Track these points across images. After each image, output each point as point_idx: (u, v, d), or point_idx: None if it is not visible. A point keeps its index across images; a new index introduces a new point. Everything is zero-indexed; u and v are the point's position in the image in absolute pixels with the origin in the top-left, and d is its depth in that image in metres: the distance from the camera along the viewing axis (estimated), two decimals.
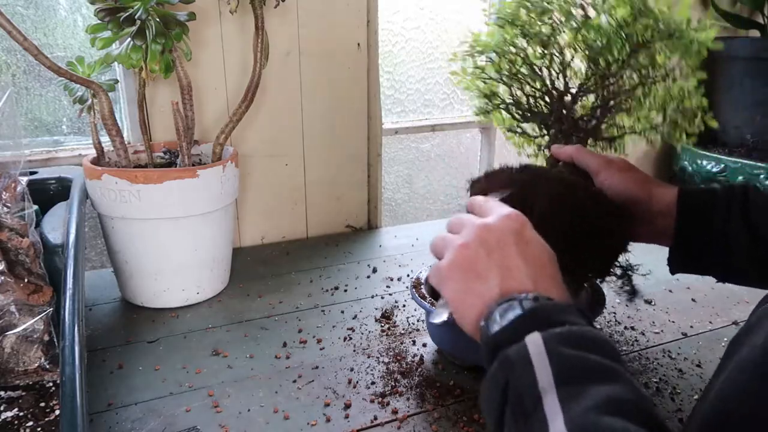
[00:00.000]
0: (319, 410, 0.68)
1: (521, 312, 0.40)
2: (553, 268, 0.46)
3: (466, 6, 1.38)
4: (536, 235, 0.47)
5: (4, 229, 0.69)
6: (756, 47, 1.41)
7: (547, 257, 0.46)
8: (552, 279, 0.45)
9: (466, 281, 0.45)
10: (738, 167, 1.32)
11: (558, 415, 0.34)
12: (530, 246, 0.46)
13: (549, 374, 0.36)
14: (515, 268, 0.44)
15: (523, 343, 0.38)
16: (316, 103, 1.16)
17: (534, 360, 0.37)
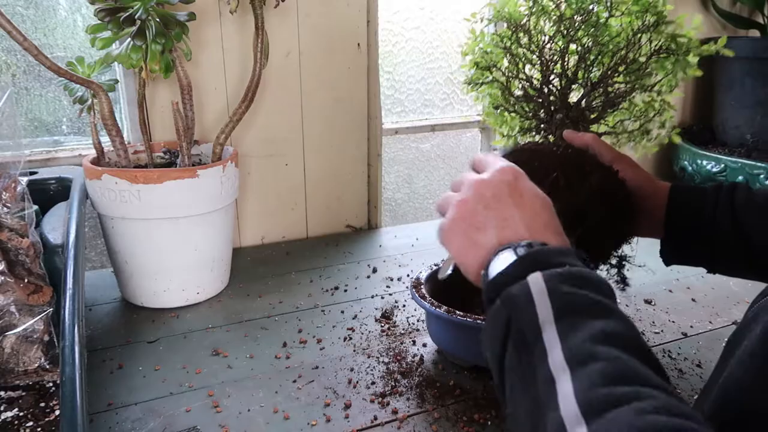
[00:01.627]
0: (319, 410, 0.68)
1: (515, 257, 0.43)
2: (547, 215, 0.47)
3: (466, 6, 1.38)
4: (530, 186, 0.49)
5: (4, 229, 0.69)
6: (756, 47, 1.41)
7: (539, 205, 0.48)
8: (546, 225, 0.47)
9: (467, 234, 0.48)
10: (738, 167, 1.32)
11: (557, 345, 0.36)
12: (524, 196, 0.48)
13: (549, 309, 0.38)
14: (510, 218, 0.46)
15: (525, 282, 0.40)
16: (316, 103, 1.16)
17: (535, 297, 0.39)
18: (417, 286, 0.78)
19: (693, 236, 0.66)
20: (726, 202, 0.64)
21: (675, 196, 0.67)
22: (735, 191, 0.65)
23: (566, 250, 0.44)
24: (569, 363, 0.35)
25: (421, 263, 1.09)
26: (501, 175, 0.49)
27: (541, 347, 0.37)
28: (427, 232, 1.26)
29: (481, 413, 0.67)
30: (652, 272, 1.06)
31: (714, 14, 1.52)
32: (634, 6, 0.76)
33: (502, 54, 0.79)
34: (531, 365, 0.37)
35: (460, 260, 0.49)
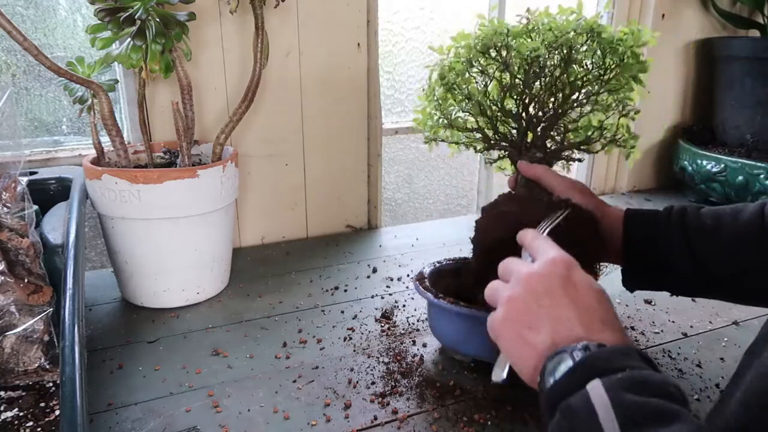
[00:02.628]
0: (319, 410, 0.68)
1: (572, 364, 0.40)
2: (603, 310, 0.45)
3: (466, 6, 1.38)
4: (584, 277, 0.47)
5: (4, 229, 0.69)
6: (756, 47, 1.41)
7: (595, 299, 0.46)
8: (602, 322, 0.44)
9: (520, 334, 0.46)
10: (738, 167, 1.32)
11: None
12: (578, 290, 0.46)
13: (614, 422, 0.36)
14: (564, 317, 0.45)
15: (585, 391, 0.38)
16: (316, 103, 1.16)
17: (597, 409, 0.37)
18: (421, 279, 0.78)
19: (651, 265, 0.67)
20: (678, 230, 0.65)
21: (629, 225, 0.68)
22: (685, 216, 0.66)
23: (625, 350, 0.41)
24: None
25: (421, 263, 1.08)
26: (553, 267, 0.47)
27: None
28: (427, 232, 1.26)
29: (481, 413, 0.67)
30: None
31: (714, 14, 1.52)
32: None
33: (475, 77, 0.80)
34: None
35: (513, 360, 0.47)
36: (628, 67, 0.75)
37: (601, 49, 0.75)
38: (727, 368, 0.77)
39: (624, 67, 0.75)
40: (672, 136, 1.59)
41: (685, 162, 1.46)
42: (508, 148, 0.79)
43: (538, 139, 0.76)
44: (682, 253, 0.64)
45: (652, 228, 0.67)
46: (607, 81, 0.75)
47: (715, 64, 1.51)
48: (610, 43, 0.74)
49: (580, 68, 0.76)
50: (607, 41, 0.74)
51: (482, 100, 0.77)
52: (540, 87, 0.75)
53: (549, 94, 0.75)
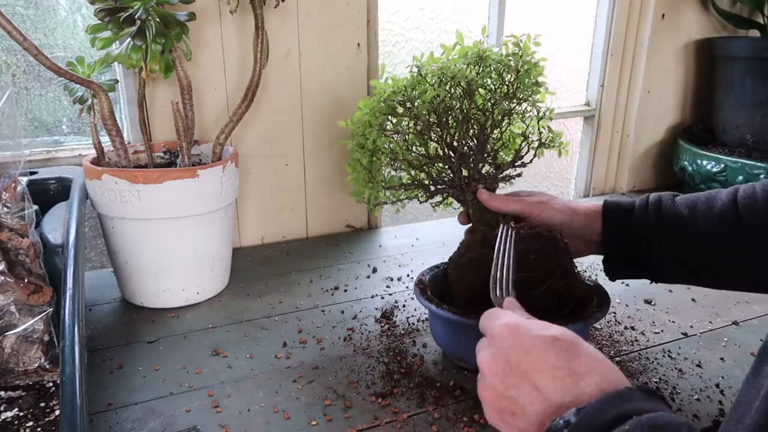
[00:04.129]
0: (319, 410, 0.68)
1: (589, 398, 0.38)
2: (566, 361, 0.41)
3: (466, 6, 1.38)
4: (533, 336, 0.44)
5: (4, 229, 0.69)
6: (756, 47, 1.41)
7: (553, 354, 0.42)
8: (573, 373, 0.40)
9: (504, 420, 0.43)
10: (738, 167, 1.32)
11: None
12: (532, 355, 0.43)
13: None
14: (532, 392, 0.41)
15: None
16: (316, 103, 1.16)
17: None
18: (422, 287, 0.77)
19: (630, 255, 0.70)
20: (654, 220, 0.67)
21: (608, 217, 0.71)
22: (661, 206, 0.68)
23: (615, 394, 0.38)
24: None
25: (421, 263, 1.09)
26: (500, 344, 0.44)
27: None
28: (427, 232, 1.26)
29: (481, 414, 0.67)
30: None
31: (714, 14, 1.52)
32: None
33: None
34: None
35: (504, 424, 0.44)
36: (525, 75, 0.80)
37: (495, 70, 0.79)
38: (727, 368, 0.77)
39: (521, 76, 0.80)
40: (672, 136, 1.59)
41: (685, 162, 1.46)
42: (448, 189, 0.81)
43: (474, 171, 0.79)
44: (659, 243, 0.67)
45: (629, 218, 0.69)
46: (514, 94, 0.80)
47: (715, 64, 1.51)
48: (500, 62, 0.79)
49: (486, 92, 0.80)
50: (497, 61, 0.79)
51: (406, 155, 0.81)
52: (454, 123, 0.78)
53: (465, 126, 0.78)
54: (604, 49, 1.48)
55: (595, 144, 1.56)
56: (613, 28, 1.46)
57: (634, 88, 1.52)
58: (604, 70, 1.50)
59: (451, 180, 0.80)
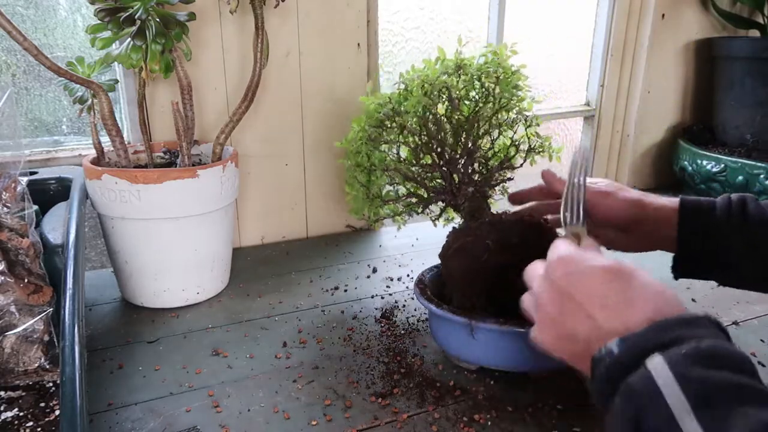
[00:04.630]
0: (319, 410, 0.68)
1: (623, 340, 0.38)
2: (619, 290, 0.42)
3: (466, 6, 1.38)
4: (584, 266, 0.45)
5: (4, 229, 0.69)
6: (756, 47, 1.41)
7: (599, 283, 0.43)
8: (625, 303, 0.41)
9: (562, 346, 0.45)
10: (738, 167, 1.32)
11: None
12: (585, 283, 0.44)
13: (683, 400, 0.32)
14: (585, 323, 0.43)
15: (646, 370, 0.35)
16: (316, 103, 1.16)
17: (662, 388, 0.33)
18: (422, 287, 0.77)
19: (704, 254, 0.66)
20: (737, 221, 0.64)
21: (685, 214, 0.67)
22: (745, 207, 0.64)
23: (663, 323, 0.37)
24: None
25: (421, 263, 1.09)
26: (554, 274, 0.46)
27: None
28: (427, 232, 1.26)
29: (481, 414, 0.67)
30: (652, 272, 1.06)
31: (714, 14, 1.52)
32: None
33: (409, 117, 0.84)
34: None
35: (564, 357, 0.46)
36: (505, 81, 0.82)
37: (477, 78, 0.81)
38: None
39: (502, 83, 0.81)
40: (672, 136, 1.59)
41: (685, 162, 1.46)
42: (441, 197, 0.82)
43: (464, 176, 0.80)
44: (739, 244, 0.63)
45: (710, 217, 0.65)
46: (498, 101, 0.81)
47: (715, 64, 1.51)
48: (479, 70, 0.81)
49: (470, 102, 0.82)
50: (476, 68, 0.81)
51: (400, 167, 0.82)
52: (435, 128, 0.80)
53: (451, 132, 0.80)
54: (604, 49, 1.48)
55: (595, 144, 1.56)
56: (613, 28, 1.46)
57: (634, 88, 1.52)
58: (604, 70, 1.50)
59: (443, 187, 0.81)
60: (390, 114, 0.82)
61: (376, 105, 0.85)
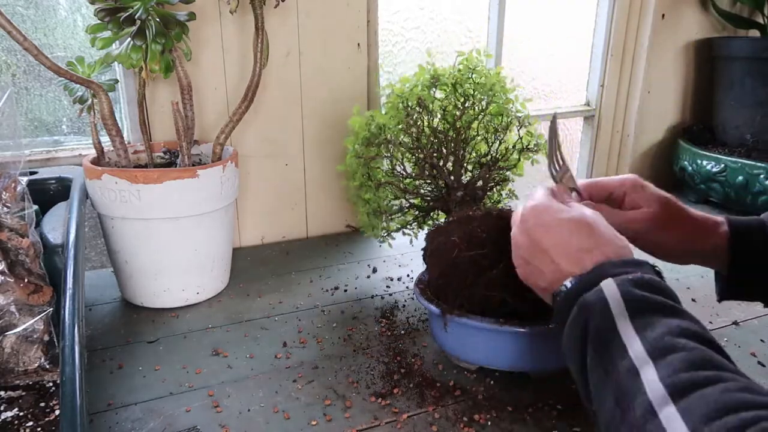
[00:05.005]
0: (319, 410, 0.68)
1: (585, 271, 0.47)
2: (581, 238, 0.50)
3: (466, 6, 1.38)
4: (551, 217, 0.52)
5: (4, 229, 0.69)
6: (756, 47, 1.41)
7: (567, 232, 0.51)
8: (585, 251, 0.49)
9: (531, 280, 0.54)
10: (738, 167, 1.32)
11: (635, 340, 0.40)
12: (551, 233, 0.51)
13: (623, 309, 0.42)
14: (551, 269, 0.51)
15: (599, 288, 0.44)
16: (316, 103, 1.16)
17: (609, 300, 0.43)
18: (422, 287, 0.77)
19: (756, 275, 0.65)
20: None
21: (738, 235, 0.65)
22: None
23: (629, 261, 0.46)
24: (651, 354, 0.38)
25: (421, 263, 1.09)
26: (527, 222, 0.53)
27: (620, 343, 0.40)
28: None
29: (481, 413, 0.67)
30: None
31: (714, 14, 1.52)
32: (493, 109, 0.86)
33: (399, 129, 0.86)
34: (612, 360, 0.40)
35: (536, 289, 0.54)
36: (481, 85, 0.84)
37: (453, 87, 0.84)
38: None
39: (477, 85, 0.83)
40: (672, 136, 1.59)
41: (685, 162, 1.46)
42: (435, 203, 0.84)
43: (453, 182, 0.82)
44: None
45: (762, 236, 0.64)
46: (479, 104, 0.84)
47: (715, 64, 1.51)
48: (453, 78, 0.84)
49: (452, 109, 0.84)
50: (450, 77, 0.84)
51: (393, 180, 0.86)
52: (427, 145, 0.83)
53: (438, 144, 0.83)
54: (604, 49, 1.48)
55: (595, 144, 1.56)
56: (613, 28, 1.46)
57: (634, 88, 1.52)
58: (604, 70, 1.50)
59: (435, 195, 0.81)
60: (376, 132, 0.85)
61: (361, 124, 0.88)
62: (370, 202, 0.88)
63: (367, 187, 0.89)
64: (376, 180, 0.86)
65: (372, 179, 0.87)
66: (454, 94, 0.84)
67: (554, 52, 1.53)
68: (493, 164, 0.83)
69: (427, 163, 0.81)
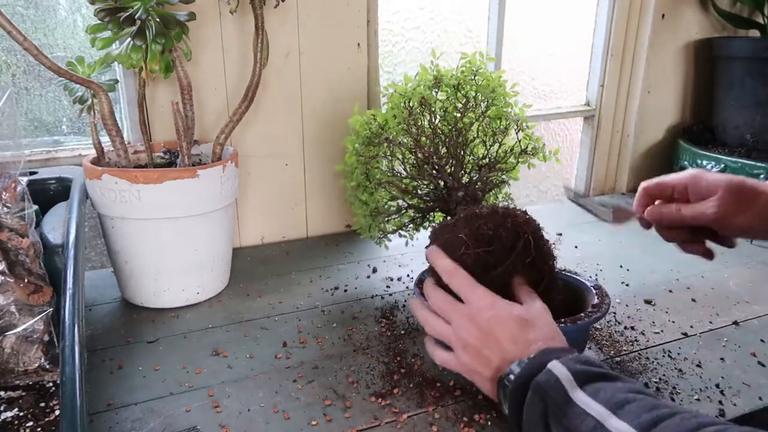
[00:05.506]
0: (319, 410, 0.68)
1: (529, 358, 0.53)
2: (527, 332, 0.56)
3: (466, 6, 1.38)
4: (503, 311, 0.58)
5: (4, 229, 0.69)
6: (756, 47, 1.41)
7: (516, 326, 0.56)
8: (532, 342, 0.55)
9: (475, 371, 0.58)
10: (738, 167, 1.32)
11: (591, 402, 0.46)
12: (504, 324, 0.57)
13: (573, 382, 0.48)
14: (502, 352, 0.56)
15: (548, 368, 0.50)
16: (316, 103, 1.16)
17: (559, 376, 0.48)
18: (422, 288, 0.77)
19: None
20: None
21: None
22: None
23: (566, 348, 0.54)
24: (610, 409, 0.44)
25: (421, 263, 1.09)
26: (477, 314, 0.58)
27: (579, 410, 0.46)
28: (427, 232, 1.26)
29: (481, 413, 0.67)
30: (652, 272, 1.06)
31: (714, 14, 1.52)
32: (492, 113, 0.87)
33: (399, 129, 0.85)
34: (576, 428, 0.45)
35: (475, 381, 0.59)
36: (483, 86, 0.84)
37: (455, 88, 0.84)
38: (727, 368, 0.77)
39: (481, 89, 0.83)
40: (672, 136, 1.59)
41: (685, 162, 1.46)
42: (435, 204, 0.83)
43: (454, 182, 0.81)
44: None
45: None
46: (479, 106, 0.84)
47: (715, 64, 1.51)
48: (456, 79, 0.84)
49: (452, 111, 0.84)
50: (452, 79, 0.84)
51: (393, 180, 0.85)
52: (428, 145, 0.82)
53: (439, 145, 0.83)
54: (604, 49, 1.48)
55: (595, 144, 1.56)
56: (613, 28, 1.46)
57: (634, 88, 1.52)
58: (604, 70, 1.50)
59: (435, 195, 0.81)
60: (377, 131, 0.84)
61: (362, 123, 0.87)
62: (368, 203, 0.89)
63: (364, 187, 0.89)
64: (375, 180, 0.86)
65: (370, 180, 0.87)
66: (455, 95, 0.84)
67: (554, 52, 1.53)
68: (492, 166, 0.83)
69: (427, 163, 0.81)
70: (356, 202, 0.90)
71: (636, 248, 1.16)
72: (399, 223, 0.91)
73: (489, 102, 0.84)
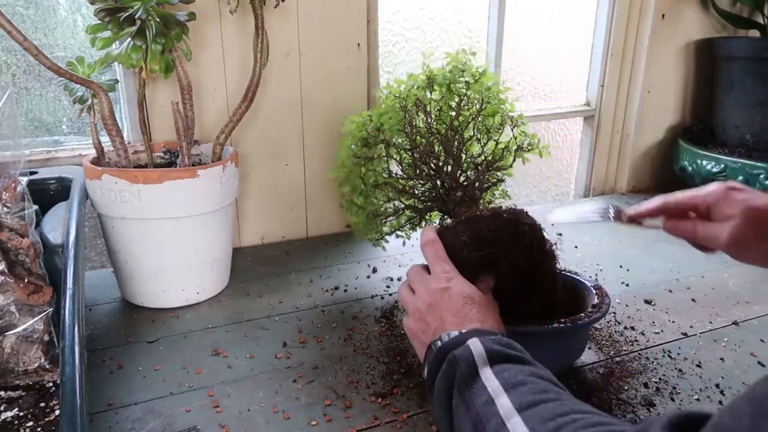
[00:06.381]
0: (319, 410, 0.68)
1: (457, 333, 0.55)
2: (468, 311, 0.58)
3: (466, 6, 1.38)
4: (457, 288, 0.60)
5: (4, 229, 0.69)
6: (756, 47, 1.41)
7: (461, 303, 0.59)
8: (471, 320, 0.57)
9: (418, 336, 0.61)
10: (738, 167, 1.32)
11: (493, 379, 0.48)
12: (452, 299, 0.60)
13: (485, 359, 0.50)
14: (442, 321, 0.59)
15: (467, 344, 0.52)
16: (316, 103, 1.16)
17: (474, 352, 0.51)
18: None
19: None
20: None
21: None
22: None
23: (480, 329, 0.55)
24: (505, 388, 0.47)
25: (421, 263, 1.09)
26: (436, 284, 0.61)
27: (480, 384, 0.48)
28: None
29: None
30: (652, 272, 1.06)
31: (714, 14, 1.52)
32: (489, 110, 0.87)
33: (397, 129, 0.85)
34: (473, 399, 0.48)
35: (415, 348, 0.62)
36: (477, 85, 0.84)
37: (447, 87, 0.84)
38: (727, 368, 0.77)
39: (473, 86, 0.83)
40: (672, 136, 1.59)
41: (685, 162, 1.46)
42: (433, 205, 0.83)
43: (452, 182, 0.81)
44: None
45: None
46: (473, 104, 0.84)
47: (715, 64, 1.51)
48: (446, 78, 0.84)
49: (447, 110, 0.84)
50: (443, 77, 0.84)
51: (391, 181, 0.86)
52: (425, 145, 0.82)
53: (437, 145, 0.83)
54: (604, 49, 1.48)
55: (595, 144, 1.56)
56: (613, 28, 1.46)
57: (634, 88, 1.52)
58: (604, 70, 1.50)
59: (433, 195, 0.81)
60: (373, 132, 0.84)
61: (358, 124, 0.87)
62: (365, 206, 0.89)
63: (360, 191, 0.88)
64: (370, 183, 0.86)
65: (365, 182, 0.87)
66: (448, 93, 0.84)
67: (554, 52, 1.53)
68: (489, 165, 0.83)
69: (424, 163, 0.81)
70: (352, 207, 0.91)
71: (636, 248, 1.16)
72: (396, 224, 0.91)
73: (483, 99, 0.84)
